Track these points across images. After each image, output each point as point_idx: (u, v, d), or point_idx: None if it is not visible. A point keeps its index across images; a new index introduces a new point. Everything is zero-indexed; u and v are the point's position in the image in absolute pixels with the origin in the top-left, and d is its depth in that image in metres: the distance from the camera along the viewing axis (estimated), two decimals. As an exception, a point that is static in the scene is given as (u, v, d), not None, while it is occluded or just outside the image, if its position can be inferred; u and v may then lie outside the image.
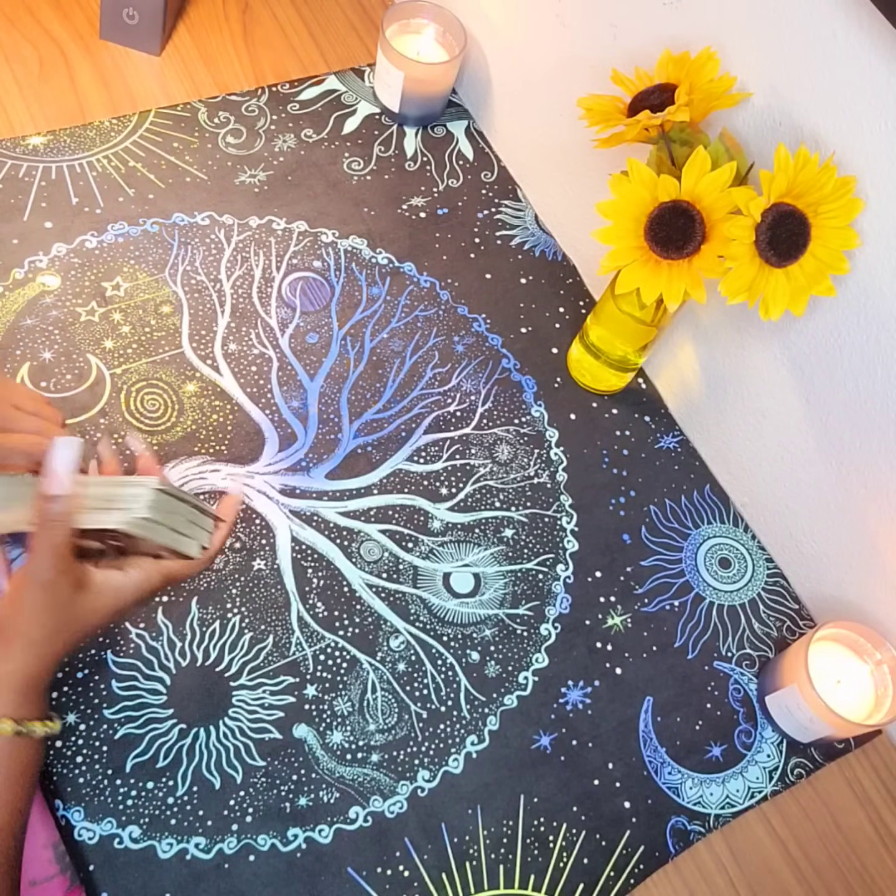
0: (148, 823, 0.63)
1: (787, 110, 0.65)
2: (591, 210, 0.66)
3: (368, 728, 0.69)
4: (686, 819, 0.70)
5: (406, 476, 0.79)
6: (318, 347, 0.84)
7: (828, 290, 0.62)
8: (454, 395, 0.84)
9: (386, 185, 0.95)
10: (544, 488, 0.82)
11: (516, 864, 0.67)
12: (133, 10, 0.92)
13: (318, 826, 0.65)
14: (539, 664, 0.74)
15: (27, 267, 0.81)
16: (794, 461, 0.78)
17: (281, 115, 0.96)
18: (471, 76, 1.01)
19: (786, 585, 0.82)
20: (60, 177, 0.87)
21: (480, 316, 0.89)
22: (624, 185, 0.63)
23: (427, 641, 0.73)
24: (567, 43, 0.84)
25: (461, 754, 0.70)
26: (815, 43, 0.61)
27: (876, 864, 0.72)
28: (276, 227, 0.89)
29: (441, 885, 0.65)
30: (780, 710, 0.73)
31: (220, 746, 0.66)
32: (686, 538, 0.82)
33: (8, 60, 0.92)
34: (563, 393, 0.87)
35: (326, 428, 0.80)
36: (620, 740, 0.72)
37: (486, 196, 0.97)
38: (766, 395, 0.78)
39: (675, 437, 0.87)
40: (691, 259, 0.63)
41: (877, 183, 0.61)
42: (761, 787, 0.73)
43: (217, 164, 0.91)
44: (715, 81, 0.66)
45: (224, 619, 0.71)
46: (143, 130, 0.91)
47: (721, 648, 0.78)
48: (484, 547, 0.78)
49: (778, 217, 0.60)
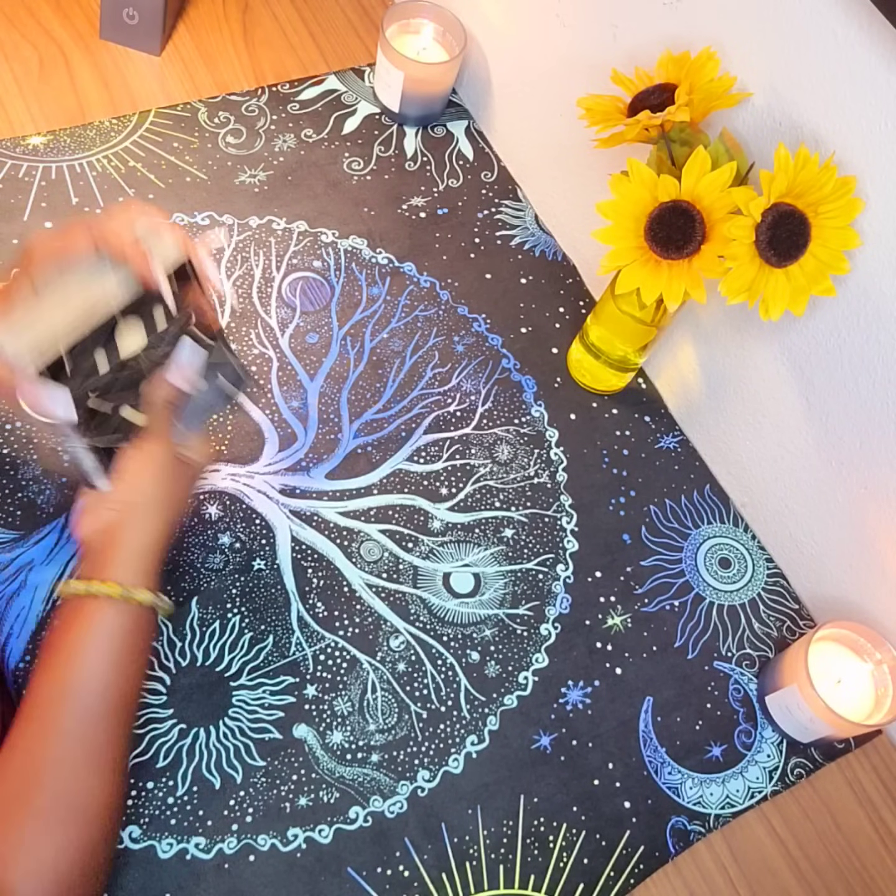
0: (148, 823, 0.63)
1: (787, 110, 0.65)
2: (591, 210, 0.66)
3: (368, 728, 0.69)
4: (686, 819, 0.70)
5: (406, 476, 0.79)
6: (318, 347, 0.84)
7: (828, 290, 0.62)
8: (454, 395, 0.84)
9: (386, 185, 0.95)
10: (544, 488, 0.82)
11: (516, 864, 0.67)
12: (133, 10, 0.92)
13: (318, 826, 0.65)
14: (539, 664, 0.74)
15: (27, 267, 0.81)
16: (794, 461, 0.78)
17: (281, 115, 0.96)
18: (471, 76, 1.01)
19: (786, 585, 0.82)
20: (60, 177, 0.87)
21: (480, 316, 0.89)
22: (624, 185, 0.63)
23: (427, 641, 0.73)
24: (567, 43, 0.84)
25: (461, 754, 0.70)
26: (815, 43, 0.61)
27: (876, 864, 0.72)
28: (276, 227, 0.90)
29: (441, 885, 0.65)
30: (780, 710, 0.73)
31: (220, 746, 0.66)
32: (686, 538, 0.82)
33: (8, 60, 0.92)
34: (563, 393, 0.87)
35: (326, 428, 0.80)
36: (620, 740, 0.72)
37: (486, 196, 0.97)
38: (766, 395, 0.78)
39: (675, 437, 0.87)
40: (691, 259, 0.63)
41: (877, 183, 0.61)
42: (761, 787, 0.73)
43: (217, 164, 0.91)
44: (715, 81, 0.66)
45: (224, 619, 0.71)
46: (143, 130, 0.91)
47: (721, 648, 0.78)
48: (484, 547, 0.78)
49: (778, 217, 0.60)
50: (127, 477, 0.60)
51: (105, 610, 0.56)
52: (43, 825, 0.51)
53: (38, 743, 0.53)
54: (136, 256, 0.56)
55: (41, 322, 0.56)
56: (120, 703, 0.56)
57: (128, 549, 0.59)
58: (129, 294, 0.58)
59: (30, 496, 0.72)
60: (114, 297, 0.58)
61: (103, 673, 0.55)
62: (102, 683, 0.55)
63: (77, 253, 0.57)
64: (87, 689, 0.55)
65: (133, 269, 0.57)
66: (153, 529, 0.60)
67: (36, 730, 0.54)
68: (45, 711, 0.54)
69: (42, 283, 0.57)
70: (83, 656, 0.56)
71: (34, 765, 0.53)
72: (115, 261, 0.57)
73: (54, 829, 0.51)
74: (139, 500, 0.60)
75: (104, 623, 0.56)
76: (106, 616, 0.56)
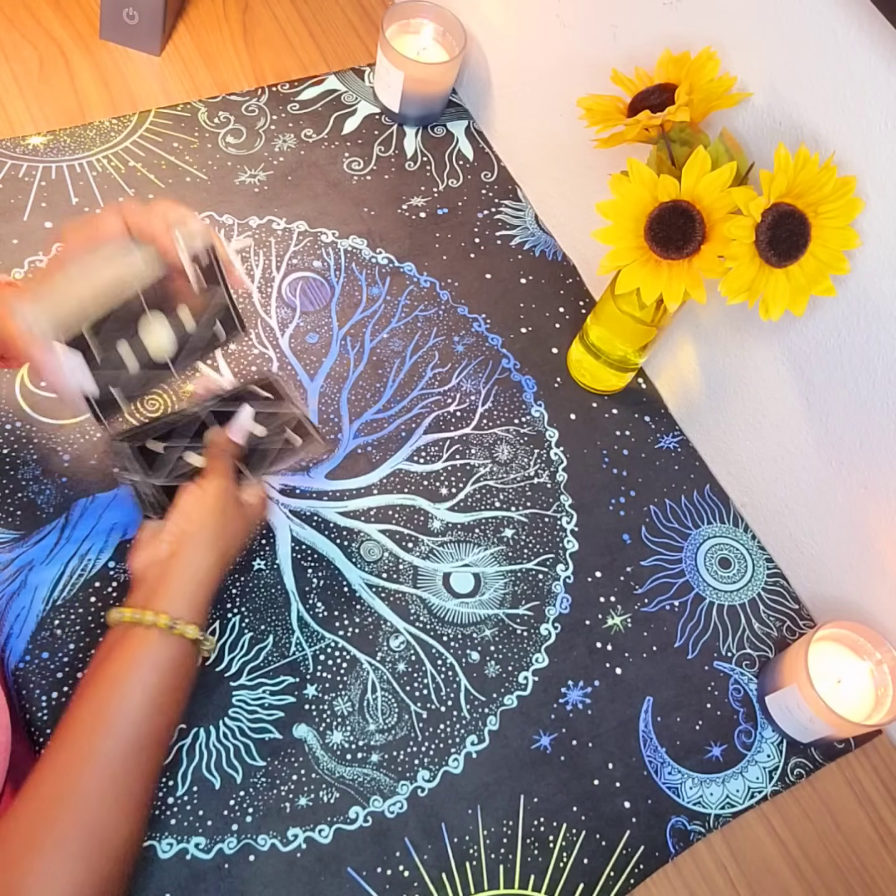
0: (148, 823, 0.63)
1: (787, 110, 0.65)
2: (591, 210, 0.66)
3: (368, 728, 0.69)
4: (686, 819, 0.70)
5: (406, 476, 0.79)
6: (318, 347, 0.84)
7: (828, 290, 0.62)
8: (454, 395, 0.84)
9: (386, 185, 0.95)
10: (544, 488, 0.82)
11: (516, 864, 0.67)
12: (133, 10, 0.92)
13: (318, 826, 0.65)
14: (539, 664, 0.74)
15: (27, 267, 0.81)
16: (794, 461, 0.78)
17: (281, 115, 0.96)
18: (471, 76, 1.01)
19: (786, 585, 0.82)
20: (60, 177, 0.87)
21: (480, 316, 0.89)
22: (624, 185, 0.63)
23: (427, 641, 0.73)
24: (567, 43, 0.84)
25: (461, 754, 0.70)
26: (815, 43, 0.61)
27: (876, 864, 0.72)
28: (276, 227, 0.90)
29: (441, 885, 0.65)
30: (780, 710, 0.73)
31: (220, 746, 0.66)
32: (686, 538, 0.82)
33: (8, 60, 0.92)
34: (563, 393, 0.87)
35: (326, 428, 0.80)
36: (620, 740, 0.72)
37: (486, 196, 0.97)
38: (766, 395, 0.78)
39: (675, 437, 0.87)
40: (691, 259, 0.63)
41: (877, 183, 0.61)
42: (761, 787, 0.73)
43: (217, 164, 0.91)
44: (715, 81, 0.66)
45: (224, 619, 0.71)
46: (143, 130, 0.91)
47: (721, 648, 0.78)
48: (484, 547, 0.78)
49: (778, 217, 0.60)
50: (183, 511, 0.61)
51: (151, 640, 0.56)
52: (64, 856, 0.50)
53: (69, 771, 0.53)
54: (162, 236, 0.57)
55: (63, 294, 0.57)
56: (154, 738, 0.56)
57: (179, 582, 0.58)
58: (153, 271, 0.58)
59: (30, 496, 0.72)
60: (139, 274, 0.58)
61: (143, 705, 0.55)
62: (140, 716, 0.55)
63: (107, 235, 0.57)
64: (125, 721, 0.54)
65: (158, 247, 0.57)
66: (206, 564, 0.60)
67: (69, 757, 0.53)
68: (80, 739, 0.54)
69: (70, 262, 0.58)
70: (124, 686, 0.55)
71: (63, 792, 0.52)
72: (141, 241, 0.58)
73: (75, 861, 0.50)
74: (194, 533, 0.60)
75: (150, 653, 0.56)
76: (151, 646, 0.56)
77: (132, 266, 0.58)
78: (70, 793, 0.52)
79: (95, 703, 0.55)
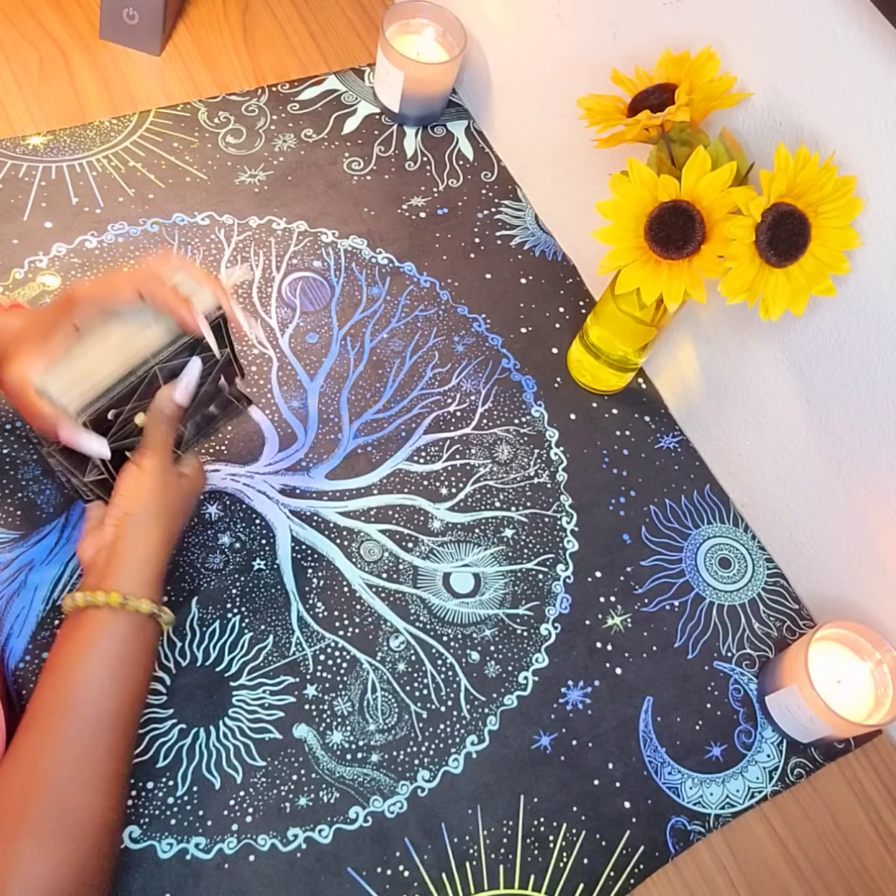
0: (148, 823, 0.63)
1: (787, 110, 0.65)
2: (591, 210, 0.66)
3: (368, 728, 0.69)
4: (686, 819, 0.70)
5: (406, 476, 0.79)
6: (318, 347, 0.84)
7: (828, 290, 0.62)
8: (454, 395, 0.84)
9: (386, 185, 0.95)
10: (544, 488, 0.82)
11: (516, 864, 0.67)
12: (133, 10, 0.92)
13: (318, 826, 0.65)
14: (539, 664, 0.74)
15: (27, 267, 0.81)
16: (794, 461, 0.78)
17: (281, 115, 0.96)
18: (471, 76, 1.01)
19: (786, 585, 0.82)
20: (60, 177, 0.87)
21: (480, 316, 0.89)
22: (624, 185, 0.63)
23: (427, 641, 0.73)
24: (567, 43, 0.84)
25: (461, 754, 0.70)
26: (815, 43, 0.61)
27: (876, 864, 0.72)
28: (276, 227, 0.89)
29: (441, 885, 0.65)
30: (780, 710, 0.73)
31: (220, 746, 0.66)
32: (686, 538, 0.82)
33: (8, 60, 0.92)
34: (563, 393, 0.87)
35: (326, 428, 0.80)
36: (620, 740, 0.72)
37: (486, 196, 0.97)
38: (766, 395, 0.78)
39: (675, 437, 0.87)
40: (691, 259, 0.63)
41: (877, 183, 0.61)
42: (761, 787, 0.73)
43: (217, 164, 0.91)
44: (715, 81, 0.66)
45: (224, 619, 0.71)
46: (143, 130, 0.91)
47: (721, 648, 0.78)
48: (484, 547, 0.78)
49: (778, 217, 0.60)
50: (123, 493, 0.61)
51: (105, 618, 0.56)
52: (39, 841, 0.50)
53: (37, 755, 0.53)
54: (179, 304, 0.58)
55: (84, 366, 0.58)
56: (119, 714, 0.56)
57: (127, 560, 0.59)
58: (171, 342, 0.60)
59: (30, 496, 0.72)
60: (157, 347, 0.60)
61: (102, 681, 0.55)
62: (101, 692, 0.55)
63: (120, 300, 0.58)
64: (87, 699, 0.55)
65: (176, 317, 0.58)
66: (152, 541, 0.60)
67: (35, 742, 0.54)
68: (45, 722, 0.54)
69: (86, 328, 0.58)
70: (83, 665, 0.55)
71: (33, 778, 0.52)
72: (157, 310, 0.59)
73: (50, 844, 0.50)
74: (137, 512, 0.60)
75: (104, 631, 0.56)
76: (106, 624, 0.56)
77: (150, 339, 0.59)
78: (40, 778, 0.52)
79: (55, 686, 0.55)
